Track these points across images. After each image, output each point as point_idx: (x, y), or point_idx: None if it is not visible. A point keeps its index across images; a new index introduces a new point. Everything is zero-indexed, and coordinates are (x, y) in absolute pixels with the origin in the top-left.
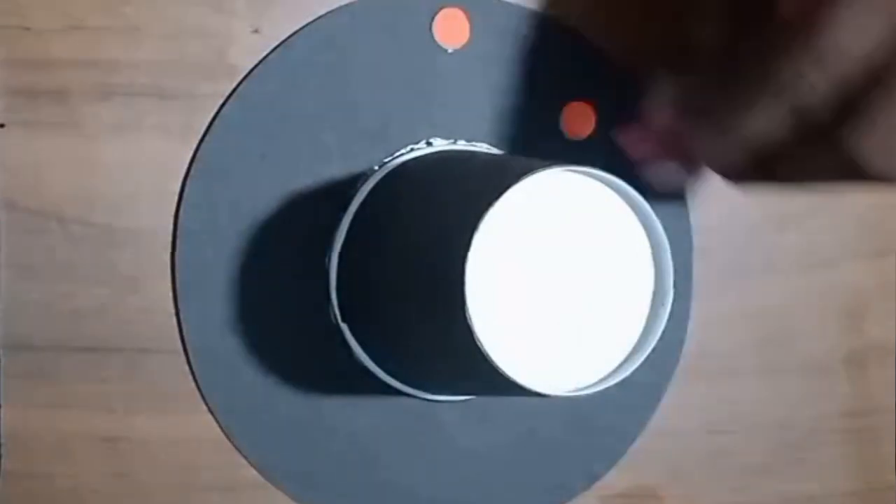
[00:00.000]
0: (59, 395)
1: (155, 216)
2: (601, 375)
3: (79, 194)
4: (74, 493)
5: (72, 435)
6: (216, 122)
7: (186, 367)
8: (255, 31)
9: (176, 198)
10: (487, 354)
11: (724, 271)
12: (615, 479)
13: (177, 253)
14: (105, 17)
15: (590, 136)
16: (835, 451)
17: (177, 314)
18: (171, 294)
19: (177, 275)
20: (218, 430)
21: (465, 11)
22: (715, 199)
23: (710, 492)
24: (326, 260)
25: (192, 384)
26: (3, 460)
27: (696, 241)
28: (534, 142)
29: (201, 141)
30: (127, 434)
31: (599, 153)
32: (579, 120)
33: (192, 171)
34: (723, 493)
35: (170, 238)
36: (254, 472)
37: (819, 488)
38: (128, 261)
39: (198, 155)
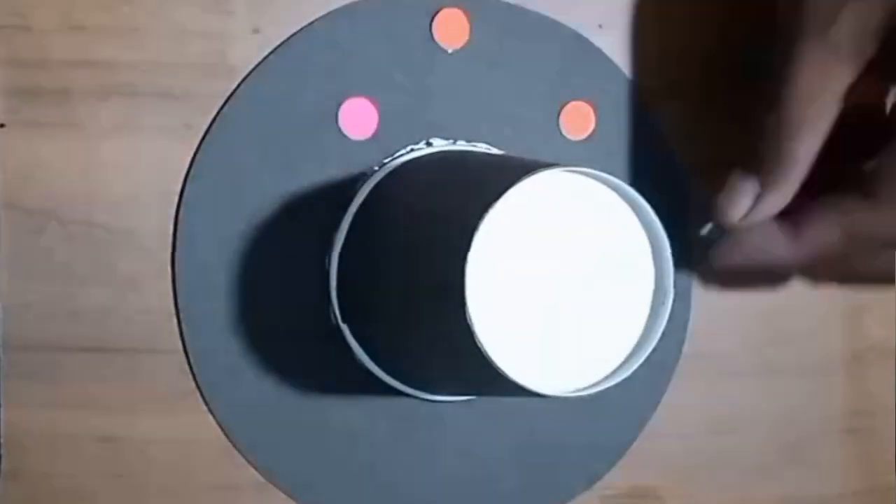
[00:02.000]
0: (59, 395)
1: (155, 216)
2: (602, 376)
3: (79, 194)
4: (74, 493)
5: (72, 435)
6: (216, 122)
7: (186, 367)
8: (255, 31)
9: (176, 198)
10: (488, 355)
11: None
12: (615, 479)
13: (177, 254)
14: (105, 17)
15: (589, 136)
16: (835, 451)
17: (177, 314)
18: (171, 294)
19: (177, 276)
20: (218, 430)
21: (465, 12)
22: None
23: (710, 492)
24: (327, 260)
25: (192, 384)
26: (3, 460)
27: None
28: (533, 142)
29: (201, 141)
30: (127, 434)
31: (599, 153)
32: (579, 120)
33: (192, 172)
34: (723, 493)
35: (170, 238)
36: (254, 471)
37: (819, 488)
38: (128, 261)
39: (198, 155)
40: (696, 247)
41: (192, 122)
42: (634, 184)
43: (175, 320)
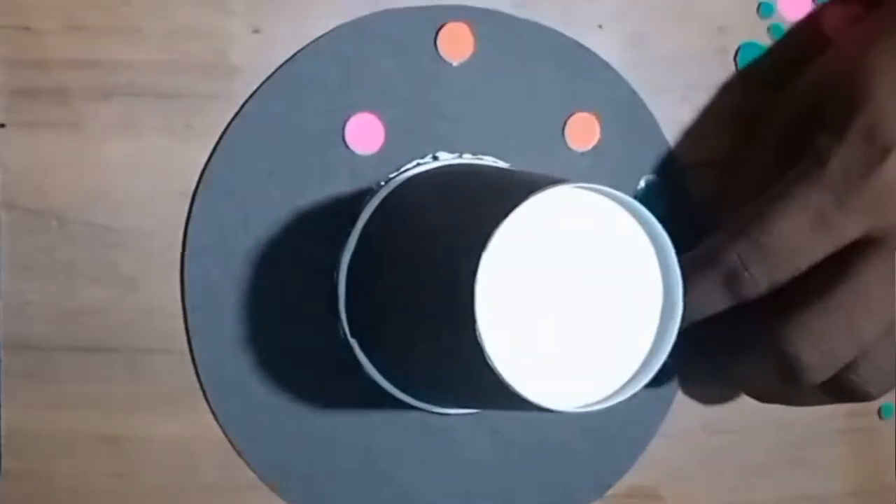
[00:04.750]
0: (59, 395)
1: (155, 216)
2: (612, 390)
3: (79, 194)
4: (74, 493)
5: (72, 435)
6: (223, 139)
7: (186, 367)
8: (255, 31)
9: (175, 197)
10: (497, 370)
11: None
12: None
13: (186, 270)
14: (105, 17)
15: (594, 147)
16: (835, 451)
17: (186, 328)
18: (171, 294)
19: (186, 291)
20: (218, 429)
21: (470, 25)
22: None
23: (710, 492)
24: (335, 275)
25: (192, 384)
26: (2, 460)
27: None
28: (539, 154)
29: (209, 158)
30: (127, 434)
31: (604, 164)
32: (584, 131)
33: (200, 188)
34: (723, 493)
35: (169, 238)
36: (253, 473)
37: (819, 488)
38: (128, 261)
39: (206, 172)
40: None
41: (193, 122)
42: (640, 196)
43: (175, 321)
